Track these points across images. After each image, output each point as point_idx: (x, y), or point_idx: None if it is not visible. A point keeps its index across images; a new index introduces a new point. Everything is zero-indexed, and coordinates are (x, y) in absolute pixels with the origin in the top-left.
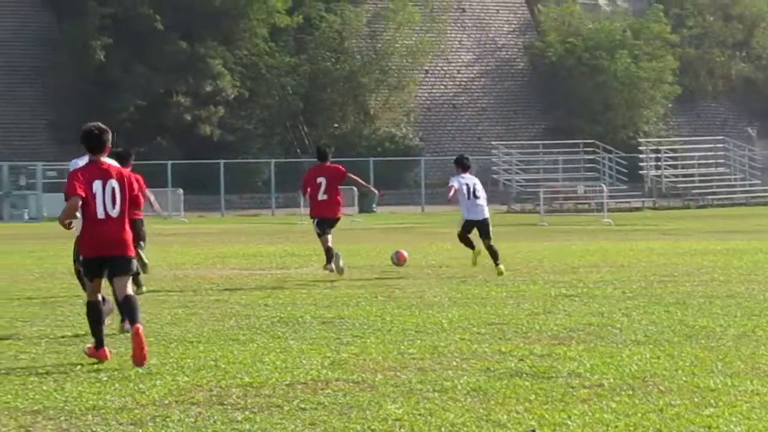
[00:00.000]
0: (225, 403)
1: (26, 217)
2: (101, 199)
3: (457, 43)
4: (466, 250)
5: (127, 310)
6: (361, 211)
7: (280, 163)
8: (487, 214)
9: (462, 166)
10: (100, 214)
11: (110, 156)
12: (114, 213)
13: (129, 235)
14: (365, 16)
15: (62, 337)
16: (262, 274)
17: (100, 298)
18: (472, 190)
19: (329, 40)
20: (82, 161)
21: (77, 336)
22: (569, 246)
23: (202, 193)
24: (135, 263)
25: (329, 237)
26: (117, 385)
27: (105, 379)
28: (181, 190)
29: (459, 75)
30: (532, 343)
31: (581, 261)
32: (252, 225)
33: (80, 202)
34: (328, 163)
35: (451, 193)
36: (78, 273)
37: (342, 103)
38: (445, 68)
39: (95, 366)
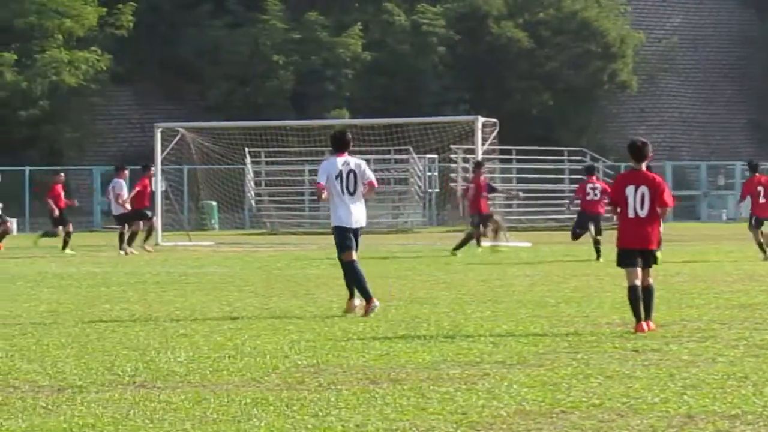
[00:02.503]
0: None
1: (724, 217)
2: (632, 201)
3: None
4: None
5: (647, 300)
6: None
7: None
8: None
9: None
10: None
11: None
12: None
13: (657, 232)
14: None
15: (761, 340)
16: None
17: (638, 283)
18: None
19: None
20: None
21: None
22: None
23: None
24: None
25: None
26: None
27: None
28: None
29: None
30: None
31: None
32: None
33: None
34: None
35: None
36: None
37: None
38: None
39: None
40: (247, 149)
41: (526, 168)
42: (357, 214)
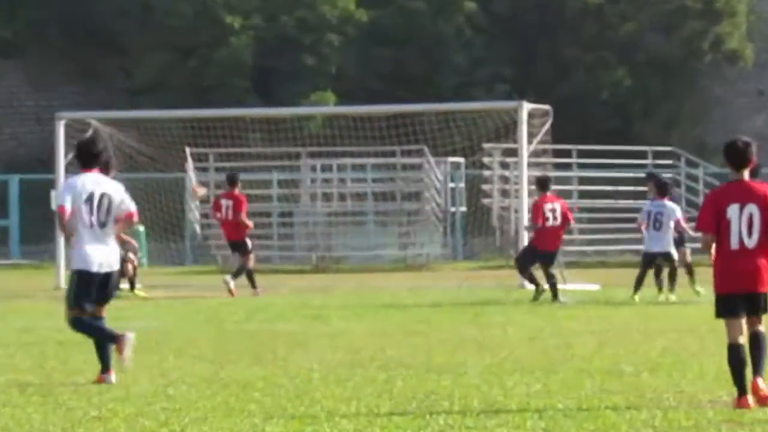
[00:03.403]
0: None
1: None
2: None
3: None
4: None
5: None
6: None
7: None
8: None
9: None
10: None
11: None
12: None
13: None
14: None
15: None
16: None
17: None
18: None
19: None
20: None
21: None
22: None
23: None
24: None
25: None
26: None
27: None
28: None
29: None
30: None
31: None
32: None
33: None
34: None
35: None
36: None
37: None
38: None
39: None
40: (188, 150)
41: (592, 177)
42: (107, 255)
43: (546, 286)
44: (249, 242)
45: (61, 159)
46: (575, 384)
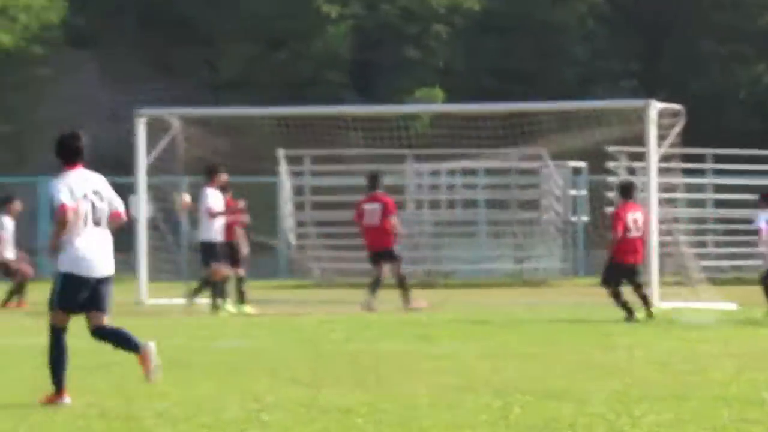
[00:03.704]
0: None
1: None
2: None
3: None
4: None
5: None
6: None
7: None
8: None
9: None
10: None
11: None
12: None
13: None
14: None
15: None
16: None
17: None
18: None
19: None
20: None
21: None
22: None
23: None
24: None
25: None
26: None
27: None
28: None
29: None
30: None
31: None
32: None
33: None
34: None
35: None
36: None
37: None
38: None
39: None
40: (282, 152)
41: (728, 184)
42: (103, 257)
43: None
44: (397, 251)
45: (142, 160)
46: (710, 413)
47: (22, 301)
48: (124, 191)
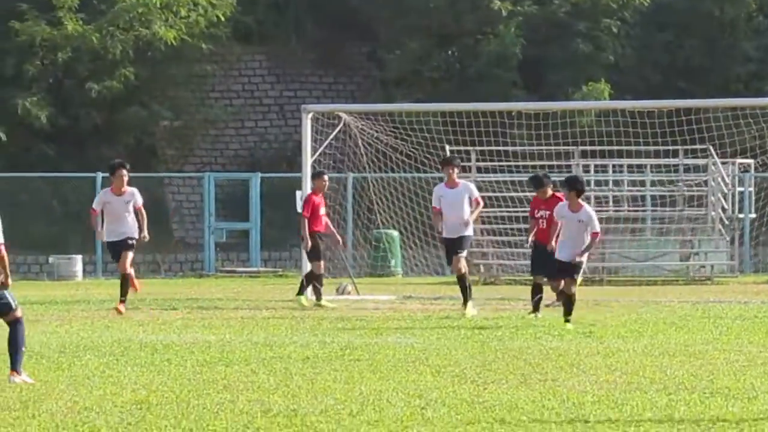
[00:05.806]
0: None
1: None
2: None
3: None
4: None
5: None
6: None
7: None
8: None
9: None
10: None
11: None
12: None
13: None
14: None
15: None
16: None
17: None
18: None
19: None
20: None
21: None
22: None
23: None
24: None
25: None
26: None
27: None
28: None
29: None
30: None
31: None
32: None
33: None
34: None
35: None
36: None
37: None
38: None
39: None
40: (448, 148)
41: None
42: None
43: None
44: None
45: (308, 156)
46: None
47: None
48: (291, 187)
